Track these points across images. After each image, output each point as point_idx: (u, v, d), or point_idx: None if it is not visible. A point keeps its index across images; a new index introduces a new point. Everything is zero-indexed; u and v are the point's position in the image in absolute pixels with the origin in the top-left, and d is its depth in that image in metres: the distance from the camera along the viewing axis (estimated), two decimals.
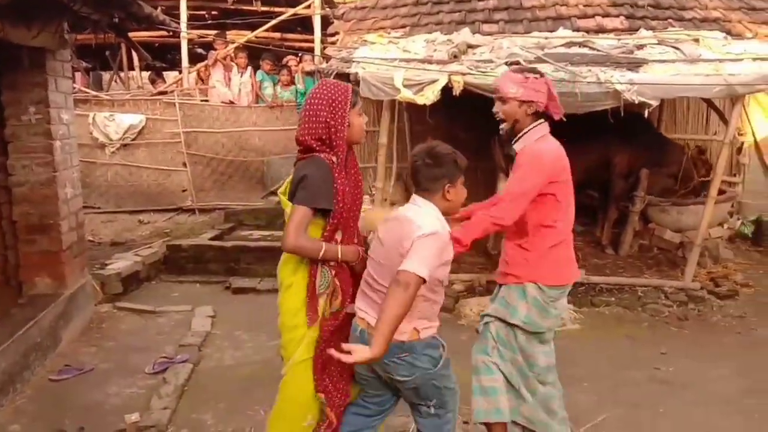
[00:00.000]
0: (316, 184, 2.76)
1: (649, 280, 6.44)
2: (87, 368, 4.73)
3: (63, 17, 4.70)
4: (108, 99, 9.88)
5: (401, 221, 2.70)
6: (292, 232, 2.72)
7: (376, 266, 2.75)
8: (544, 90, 3.14)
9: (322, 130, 2.80)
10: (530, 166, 3.09)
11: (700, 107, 8.36)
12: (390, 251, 2.68)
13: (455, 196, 2.77)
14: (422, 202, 2.74)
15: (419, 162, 2.73)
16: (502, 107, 3.20)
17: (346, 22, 8.86)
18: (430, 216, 2.68)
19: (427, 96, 5.67)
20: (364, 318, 2.74)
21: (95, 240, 8.74)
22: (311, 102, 2.84)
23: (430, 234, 2.56)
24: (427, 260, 2.52)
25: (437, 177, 2.71)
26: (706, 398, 4.37)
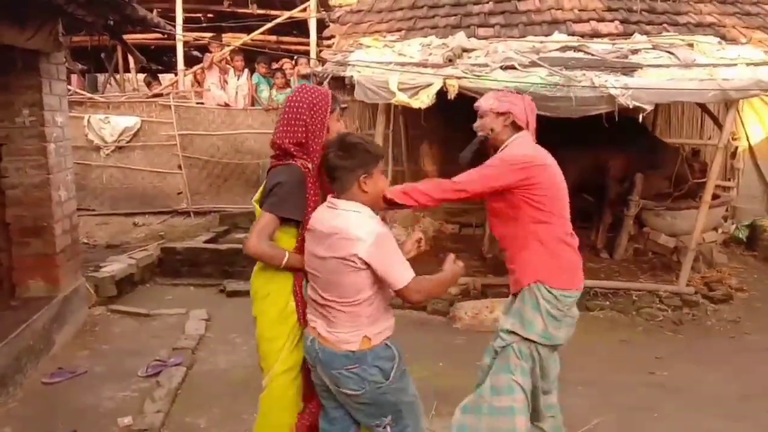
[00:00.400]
0: (287, 192, 2.75)
1: (644, 285, 6.45)
2: (80, 371, 4.71)
3: (57, 19, 4.70)
4: (103, 101, 9.86)
5: (337, 235, 2.53)
6: (253, 237, 2.72)
7: (317, 279, 2.65)
8: (520, 103, 3.18)
9: (301, 133, 2.80)
10: (496, 158, 3.11)
11: (694, 112, 8.39)
12: (330, 264, 2.56)
13: (373, 187, 2.62)
14: (345, 204, 2.59)
15: (331, 155, 2.59)
16: (480, 121, 3.24)
17: (341, 25, 8.86)
18: (359, 218, 2.55)
19: (422, 99, 5.68)
20: (314, 327, 2.67)
21: (90, 242, 8.72)
22: (291, 105, 2.85)
23: (375, 241, 2.47)
24: (399, 261, 2.52)
25: (351, 168, 2.57)
26: (700, 402, 4.38)
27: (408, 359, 4.93)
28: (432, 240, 7.96)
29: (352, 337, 2.58)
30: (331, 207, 2.62)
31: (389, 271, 2.50)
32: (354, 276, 2.51)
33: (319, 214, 2.68)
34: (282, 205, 2.74)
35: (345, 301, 2.56)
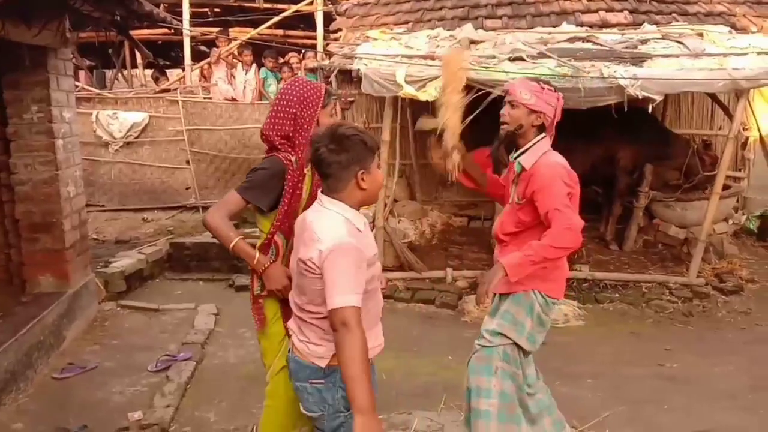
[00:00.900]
0: (259, 179, 2.77)
1: (654, 276, 6.42)
2: (90, 366, 4.73)
3: (64, 15, 4.70)
4: (111, 97, 9.87)
5: (306, 233, 2.31)
6: (212, 209, 2.78)
7: (294, 280, 2.44)
8: (554, 105, 3.09)
9: (288, 126, 2.80)
10: (553, 180, 2.99)
11: (704, 102, 8.31)
12: (296, 265, 2.36)
13: (371, 183, 2.32)
14: (328, 201, 2.31)
15: (322, 149, 2.25)
16: (510, 111, 3.12)
17: (348, 18, 8.84)
18: (333, 220, 2.26)
19: (429, 92, 5.65)
20: (292, 334, 2.46)
21: (99, 238, 8.75)
22: (281, 97, 2.85)
23: (332, 249, 2.16)
24: (346, 281, 2.15)
25: (346, 164, 2.25)
26: (710, 394, 4.35)
27: (416, 353, 4.96)
28: (440, 233, 7.96)
29: (324, 351, 2.31)
30: (318, 203, 2.36)
31: (330, 285, 2.16)
32: (317, 283, 2.23)
33: (308, 209, 2.46)
34: (249, 190, 2.77)
35: (315, 310, 2.30)
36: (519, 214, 3.13)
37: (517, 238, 3.15)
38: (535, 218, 3.06)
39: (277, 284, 2.76)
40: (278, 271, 2.76)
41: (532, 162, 3.08)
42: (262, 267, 2.77)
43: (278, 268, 2.76)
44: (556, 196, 2.96)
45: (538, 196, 3.00)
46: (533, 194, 3.02)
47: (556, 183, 2.98)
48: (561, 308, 5.78)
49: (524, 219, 3.12)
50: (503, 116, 3.15)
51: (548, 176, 3.00)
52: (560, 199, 2.96)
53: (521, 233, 3.14)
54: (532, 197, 3.03)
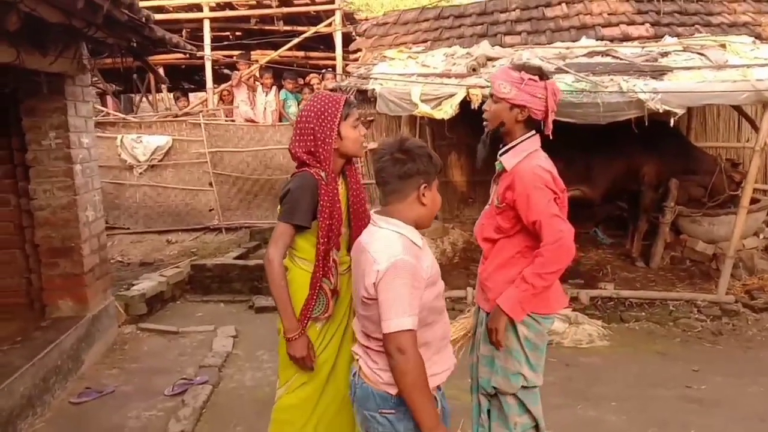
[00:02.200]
0: (295, 199, 2.73)
1: (681, 294, 6.23)
2: (107, 390, 4.72)
3: (80, 42, 4.76)
4: (135, 121, 10.02)
5: (364, 257, 2.20)
6: (270, 248, 2.74)
7: (356, 305, 2.32)
8: (543, 96, 2.75)
9: (310, 141, 2.78)
10: (535, 187, 2.72)
11: (731, 114, 8.14)
12: (359, 290, 2.24)
13: (431, 201, 2.24)
14: (382, 220, 2.22)
15: (386, 158, 2.20)
16: (491, 106, 2.85)
17: (367, 38, 8.89)
18: (387, 238, 2.16)
19: (445, 110, 5.62)
20: (357, 360, 2.34)
21: (124, 260, 8.84)
22: (302, 114, 2.84)
23: (388, 269, 2.07)
24: (402, 304, 2.06)
25: (409, 174, 2.18)
26: (739, 417, 4.18)
27: None
28: (462, 251, 7.87)
29: (392, 379, 2.16)
30: (372, 224, 2.28)
31: (384, 307, 2.07)
32: (376, 309, 2.12)
33: (363, 232, 2.35)
34: (294, 214, 2.73)
35: (378, 338, 2.16)
36: (498, 219, 2.87)
37: (496, 246, 2.91)
38: (515, 225, 2.82)
39: (298, 353, 2.75)
40: (303, 344, 2.75)
41: (513, 163, 2.80)
42: (291, 335, 2.75)
43: (304, 340, 2.76)
44: (540, 204, 2.70)
45: (520, 205, 2.75)
46: (514, 202, 2.77)
47: (538, 190, 2.71)
48: (585, 328, 5.66)
49: (503, 225, 2.85)
50: (485, 112, 2.90)
51: (530, 183, 2.72)
52: (544, 207, 2.70)
53: (499, 241, 2.89)
54: (512, 204, 2.78)
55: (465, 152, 8.57)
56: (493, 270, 2.91)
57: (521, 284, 2.73)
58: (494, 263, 2.92)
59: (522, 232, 2.83)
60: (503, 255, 2.88)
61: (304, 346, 2.75)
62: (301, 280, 2.80)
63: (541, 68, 2.97)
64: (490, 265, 2.94)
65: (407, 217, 2.22)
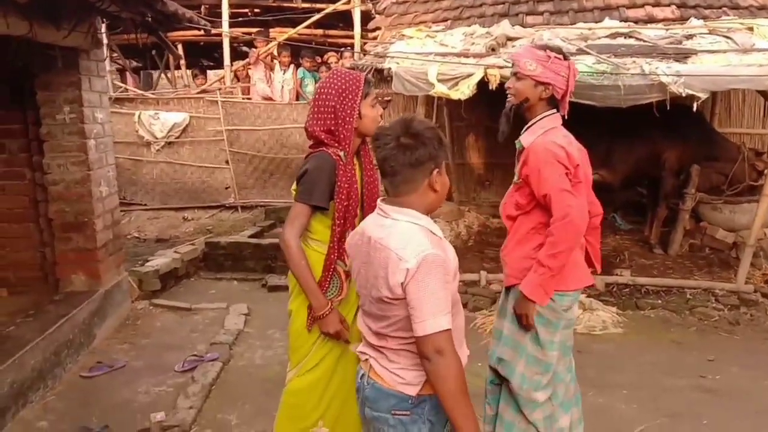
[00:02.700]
0: (313, 180, 2.69)
1: (699, 282, 6.12)
2: (118, 365, 4.75)
3: (93, 16, 4.73)
4: (153, 98, 10.03)
5: (383, 254, 1.98)
6: (287, 228, 2.71)
7: (364, 305, 2.16)
8: (565, 74, 2.83)
9: (330, 120, 2.72)
10: (546, 162, 2.76)
11: (756, 99, 7.93)
12: (374, 292, 2.04)
13: (442, 186, 2.05)
14: (395, 210, 2.02)
15: (392, 144, 1.97)
16: (515, 83, 2.90)
17: (387, 17, 8.76)
18: (409, 232, 1.96)
19: (462, 91, 5.51)
20: (367, 360, 2.17)
21: (141, 237, 8.91)
22: (321, 91, 2.77)
23: (420, 265, 1.88)
24: (438, 302, 1.89)
25: (421, 161, 1.98)
26: (753, 409, 4.11)
27: None
28: (477, 234, 7.80)
29: (413, 378, 2.03)
30: (382, 215, 2.06)
31: (417, 308, 1.89)
32: (404, 309, 1.95)
33: (367, 223, 2.14)
34: (311, 194, 2.69)
35: (406, 335, 2.00)
36: (517, 195, 2.95)
37: (515, 222, 2.97)
38: (530, 201, 2.88)
39: (332, 328, 2.73)
40: (335, 318, 2.73)
41: (530, 140, 2.86)
42: (322, 312, 2.72)
43: (335, 315, 2.74)
44: (550, 179, 2.74)
45: (532, 179, 2.80)
46: (527, 177, 2.83)
47: (549, 164, 2.75)
48: (599, 314, 5.59)
49: (521, 201, 2.92)
50: (508, 88, 2.94)
51: (542, 157, 2.77)
52: (555, 181, 2.74)
53: (518, 217, 2.95)
54: (527, 180, 2.84)
55: (482, 133, 8.46)
56: (512, 246, 2.99)
57: (538, 268, 2.78)
58: (513, 240, 2.99)
59: (537, 208, 2.88)
60: (521, 231, 2.95)
61: (336, 321, 2.72)
62: (315, 262, 2.76)
63: (561, 48, 2.99)
64: (510, 241, 3.01)
65: (420, 206, 2.03)
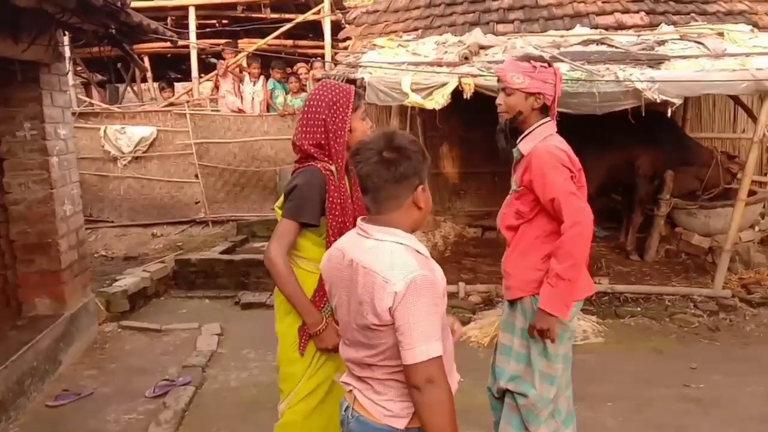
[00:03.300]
0: (304, 196, 2.57)
1: (677, 289, 6.10)
2: (86, 393, 4.54)
3: (54, 29, 4.55)
4: (119, 111, 9.79)
5: (367, 277, 1.84)
6: (273, 245, 2.57)
7: (346, 332, 2.01)
8: (552, 81, 2.82)
9: (320, 134, 2.61)
10: (551, 165, 2.73)
11: (727, 104, 8.00)
12: (357, 318, 1.90)
13: (426, 202, 1.94)
14: (377, 230, 1.89)
15: (374, 159, 1.84)
16: (505, 99, 2.87)
17: (357, 26, 8.67)
18: (394, 252, 1.83)
19: (436, 100, 5.43)
20: (351, 392, 2.02)
21: (108, 255, 8.67)
22: (310, 104, 2.65)
23: (408, 288, 1.75)
24: (428, 327, 1.77)
25: (406, 176, 1.86)
26: (739, 419, 4.06)
27: None
28: (453, 245, 7.72)
29: (401, 410, 1.89)
30: (363, 235, 1.92)
31: (407, 334, 1.76)
32: (392, 336, 1.81)
33: (345, 245, 1.99)
34: (301, 210, 2.57)
35: (394, 363, 1.86)
36: (517, 204, 2.91)
37: (518, 232, 2.92)
38: (534, 208, 2.84)
39: (330, 343, 2.58)
40: (332, 332, 2.58)
41: (530, 147, 2.84)
42: (318, 328, 2.59)
43: (332, 328, 2.58)
44: (556, 182, 2.71)
45: (537, 184, 2.76)
46: (531, 183, 2.79)
47: (554, 168, 2.73)
48: (580, 324, 5.52)
49: (522, 209, 2.88)
50: (499, 105, 2.91)
51: (546, 161, 2.74)
52: (561, 184, 2.71)
53: (521, 226, 2.91)
54: (530, 186, 2.80)
55: (456, 143, 8.41)
56: (516, 257, 2.92)
57: (557, 282, 2.70)
58: (517, 250, 2.92)
59: (541, 215, 2.83)
60: (524, 241, 2.89)
61: (334, 334, 2.56)
62: (303, 280, 2.62)
63: (542, 56, 3.04)
64: (512, 253, 2.94)
65: (404, 224, 1.90)
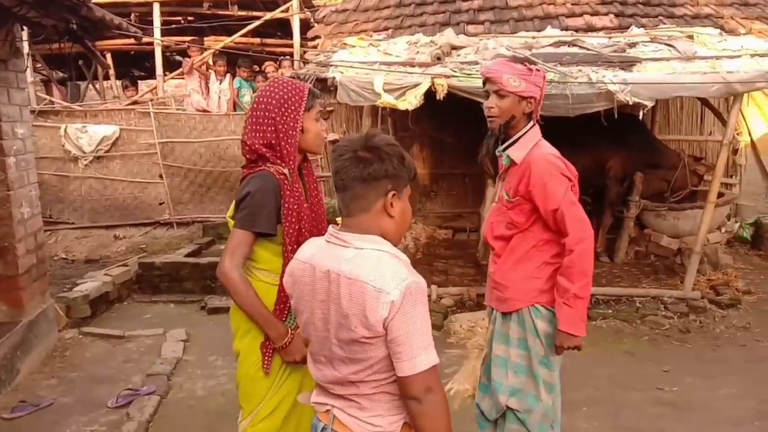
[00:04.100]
0: (258, 203, 2.39)
1: (648, 291, 6.12)
2: (44, 404, 4.34)
3: (11, 24, 4.34)
4: (80, 110, 9.49)
5: (343, 284, 1.74)
6: (226, 259, 2.38)
7: (322, 348, 1.86)
8: (541, 85, 2.76)
9: (270, 133, 2.44)
10: (552, 175, 2.66)
11: (694, 107, 8.09)
12: (341, 333, 1.78)
13: (400, 214, 1.83)
14: (355, 238, 1.79)
15: (347, 156, 1.78)
16: (498, 102, 2.73)
17: (326, 25, 8.57)
18: (381, 260, 1.74)
19: (409, 101, 5.34)
20: (328, 411, 1.89)
21: (68, 258, 8.39)
22: (260, 101, 2.47)
23: (405, 297, 1.68)
24: (425, 335, 1.71)
25: (375, 176, 1.76)
26: (713, 422, 4.05)
27: None
28: (425, 246, 7.65)
29: (389, 424, 1.80)
30: (340, 244, 1.81)
31: (405, 343, 1.69)
32: (383, 348, 1.74)
33: (315, 255, 1.87)
34: (255, 220, 2.39)
35: (383, 377, 1.78)
36: (511, 214, 2.80)
37: (510, 243, 2.83)
38: (529, 218, 2.75)
39: (299, 355, 2.43)
40: (299, 343, 2.42)
41: (523, 155, 2.73)
42: (284, 341, 2.43)
43: (299, 339, 2.40)
44: (558, 193, 2.64)
45: (537, 194, 2.67)
46: (529, 193, 2.69)
47: (554, 177, 2.65)
48: None
49: (517, 220, 2.78)
50: (490, 109, 2.76)
51: (545, 171, 2.66)
52: (563, 195, 2.64)
53: (514, 237, 2.81)
54: (527, 195, 2.70)
55: (427, 144, 8.34)
56: (510, 267, 2.82)
57: (575, 302, 2.62)
58: (510, 260, 2.83)
59: (536, 225, 2.75)
60: (519, 251, 2.80)
61: (302, 345, 2.38)
62: (263, 293, 2.44)
63: (528, 58, 2.87)
64: (505, 263, 2.84)
65: (373, 231, 1.80)
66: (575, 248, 2.61)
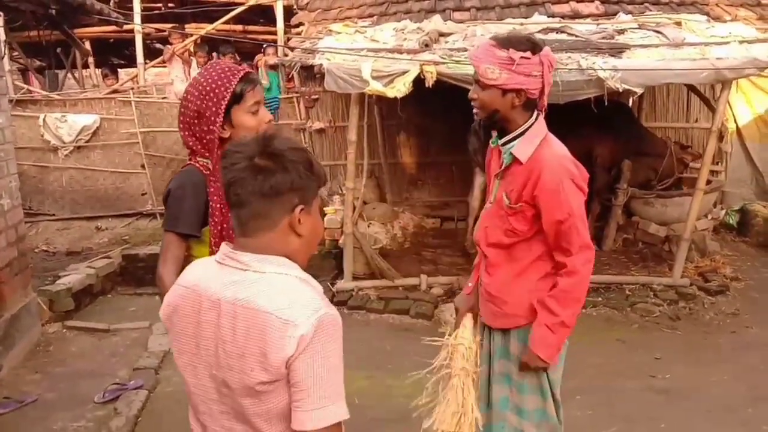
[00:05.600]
0: (178, 202, 2.22)
1: (637, 278, 6.13)
2: (29, 400, 4.25)
3: None
4: (60, 99, 9.30)
5: (239, 316, 1.43)
6: (159, 266, 2.19)
7: (209, 403, 1.52)
8: (539, 72, 2.31)
9: (195, 125, 2.22)
10: (567, 186, 2.36)
11: (680, 94, 8.08)
12: (233, 378, 1.44)
13: (310, 230, 1.54)
14: (257, 260, 1.47)
15: (242, 165, 1.45)
16: (479, 93, 2.38)
17: (310, 12, 8.44)
18: (287, 287, 1.45)
19: (398, 88, 5.26)
20: None
21: (50, 250, 8.22)
22: (187, 88, 2.26)
23: (317, 331, 1.39)
24: (338, 380, 1.43)
25: (279, 190, 1.46)
26: (706, 408, 4.08)
27: (391, 371, 4.57)
28: (413, 236, 7.59)
29: None
30: (237, 267, 1.49)
31: (311, 387, 1.39)
32: (282, 392, 1.43)
33: (201, 280, 1.54)
34: (176, 219, 2.21)
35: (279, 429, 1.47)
36: (511, 220, 2.46)
37: (510, 252, 2.52)
38: (533, 226, 2.44)
39: None
40: None
41: (528, 154, 2.38)
42: None
43: None
44: (572, 204, 2.35)
45: (544, 200, 2.36)
46: (535, 198, 2.38)
47: (569, 187, 2.36)
48: None
49: (519, 228, 2.46)
50: (473, 100, 2.42)
51: (558, 176, 2.35)
52: (577, 208, 2.36)
53: (515, 245, 2.50)
54: (533, 201, 2.39)
55: (414, 132, 8.26)
56: (510, 280, 2.52)
57: (559, 329, 2.41)
58: (510, 272, 2.52)
59: (542, 233, 2.44)
60: (522, 261, 2.50)
61: None
62: None
63: (530, 38, 2.46)
64: (503, 275, 2.54)
65: (278, 253, 1.50)
66: (578, 271, 2.39)
